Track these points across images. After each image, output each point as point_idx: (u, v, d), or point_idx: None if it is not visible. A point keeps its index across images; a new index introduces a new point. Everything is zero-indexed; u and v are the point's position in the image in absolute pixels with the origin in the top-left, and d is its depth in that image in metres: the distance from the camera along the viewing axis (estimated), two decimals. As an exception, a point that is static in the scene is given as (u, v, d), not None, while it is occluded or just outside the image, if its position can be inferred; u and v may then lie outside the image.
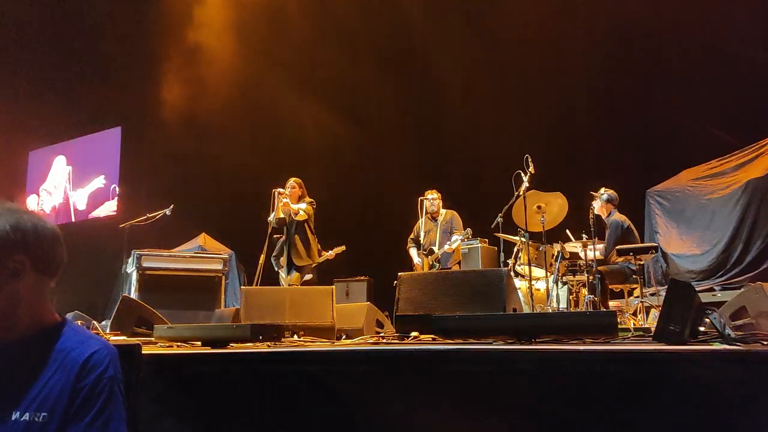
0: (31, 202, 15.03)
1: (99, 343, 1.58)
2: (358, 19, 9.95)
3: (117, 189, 13.33)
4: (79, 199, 14.21)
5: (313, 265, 6.65)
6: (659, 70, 8.18)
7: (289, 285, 6.47)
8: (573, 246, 6.12)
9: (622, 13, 8.21)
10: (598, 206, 6.17)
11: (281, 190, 6.53)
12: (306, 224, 6.50)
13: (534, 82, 8.59)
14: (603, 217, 6.22)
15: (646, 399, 2.28)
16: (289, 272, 6.55)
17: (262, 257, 6.45)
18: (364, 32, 9.88)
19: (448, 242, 6.72)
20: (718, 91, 7.57)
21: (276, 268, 6.83)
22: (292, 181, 6.62)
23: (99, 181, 13.76)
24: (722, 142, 7.60)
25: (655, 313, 5.35)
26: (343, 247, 7.43)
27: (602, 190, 6.25)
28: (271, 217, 6.50)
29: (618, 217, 6.16)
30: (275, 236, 6.78)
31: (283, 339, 3.97)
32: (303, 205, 6.46)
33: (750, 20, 7.43)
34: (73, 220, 14.20)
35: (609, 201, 6.20)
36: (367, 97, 10.17)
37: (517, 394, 2.48)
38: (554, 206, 6.08)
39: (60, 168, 14.76)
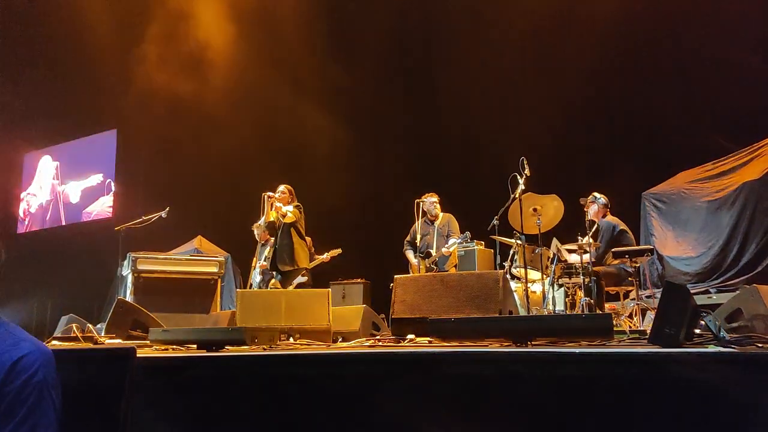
0: (25, 201, 15.04)
1: (32, 345, 1.53)
2: (357, 21, 9.96)
3: (113, 185, 13.30)
4: (72, 192, 14.17)
5: (302, 270, 6.59)
6: (655, 72, 8.20)
7: (270, 288, 6.50)
8: (568, 247, 6.12)
9: (618, 16, 8.23)
10: (593, 211, 6.17)
11: (271, 194, 6.53)
12: (293, 229, 6.47)
13: (531, 84, 8.60)
14: (597, 222, 6.22)
15: (641, 401, 2.28)
16: (275, 276, 6.56)
17: (255, 261, 6.45)
18: (363, 35, 9.88)
19: (445, 245, 6.72)
20: (714, 94, 7.59)
21: (252, 272, 6.83)
22: (282, 187, 6.63)
23: (95, 179, 13.72)
24: (718, 145, 7.62)
25: (650, 316, 5.36)
26: (339, 250, 7.42)
27: (595, 195, 6.24)
28: (261, 221, 6.51)
29: (611, 219, 6.17)
30: (270, 238, 6.79)
31: (278, 342, 3.97)
32: (290, 208, 6.45)
33: (745, 23, 7.46)
34: (63, 222, 14.18)
35: (606, 205, 6.21)
36: (364, 99, 10.17)
37: (513, 397, 2.47)
38: (550, 209, 6.09)
39: (46, 167, 14.75)
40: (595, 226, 6.14)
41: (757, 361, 2.23)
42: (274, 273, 6.59)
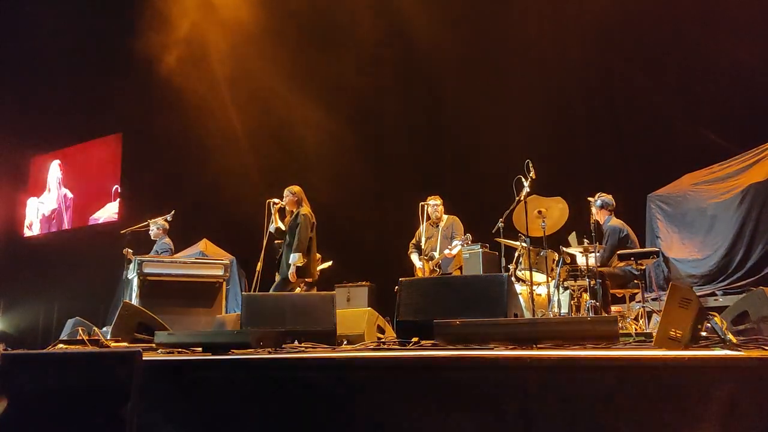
0: (31, 205, 15.13)
1: None
2: (359, 23, 9.98)
3: (119, 189, 13.35)
4: (75, 208, 14.25)
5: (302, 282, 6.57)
6: (660, 74, 8.18)
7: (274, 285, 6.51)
8: (573, 250, 6.10)
9: (621, 18, 8.22)
10: (595, 212, 6.16)
11: (276, 200, 6.53)
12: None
13: (535, 86, 8.60)
14: (601, 223, 6.20)
15: (647, 404, 2.27)
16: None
17: (260, 265, 6.44)
18: (366, 38, 9.90)
19: (448, 248, 6.71)
20: (719, 96, 7.57)
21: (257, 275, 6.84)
22: (286, 191, 6.60)
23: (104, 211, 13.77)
24: (720, 147, 7.59)
25: (656, 318, 5.34)
26: (330, 263, 7.38)
27: (597, 195, 6.23)
28: (272, 228, 6.52)
29: (615, 222, 6.14)
30: (276, 241, 6.78)
31: (283, 345, 3.97)
32: (295, 257, 6.26)
33: (750, 25, 7.44)
34: (70, 226, 14.24)
35: (603, 207, 6.16)
36: (368, 102, 10.19)
37: (518, 400, 2.47)
38: (555, 211, 6.08)
39: (54, 171, 14.84)
40: (601, 227, 6.13)
41: (763, 364, 2.22)
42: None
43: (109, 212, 13.51)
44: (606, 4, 8.27)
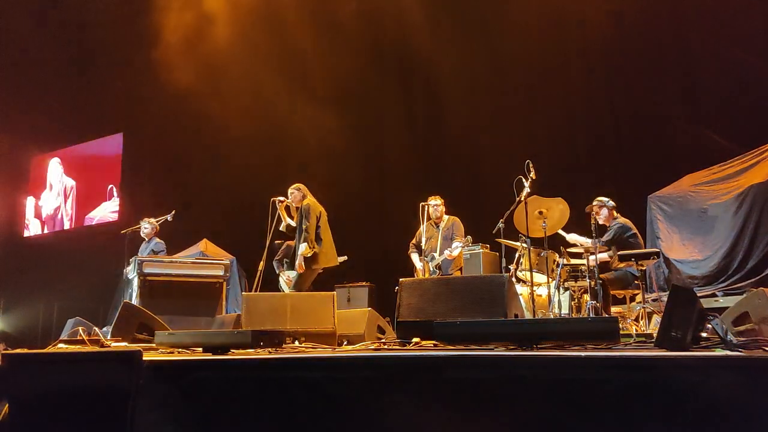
0: (31, 205, 15.14)
1: None
2: (360, 25, 9.98)
3: (115, 190, 13.34)
4: (77, 209, 14.27)
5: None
6: (660, 74, 8.18)
7: (286, 282, 6.50)
8: (574, 247, 6.10)
9: (622, 19, 8.22)
10: (605, 216, 6.16)
11: (282, 198, 6.53)
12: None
13: (535, 86, 8.59)
14: (608, 225, 6.21)
15: (647, 405, 2.27)
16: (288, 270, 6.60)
17: (262, 264, 6.44)
18: (366, 38, 9.90)
19: (449, 249, 6.71)
20: (720, 96, 7.57)
21: (276, 271, 6.83)
22: (291, 189, 6.62)
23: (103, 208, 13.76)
24: (722, 147, 7.58)
25: (657, 319, 5.34)
26: (345, 257, 7.39)
27: (602, 199, 6.21)
28: (282, 227, 6.53)
29: (623, 220, 6.16)
30: (276, 242, 6.78)
31: (284, 345, 3.97)
32: (302, 248, 6.28)
33: (751, 25, 7.44)
34: (70, 226, 14.24)
35: (606, 208, 6.19)
36: (369, 103, 10.18)
37: (518, 401, 2.47)
38: (555, 212, 6.07)
39: (54, 171, 14.84)
40: (605, 228, 6.14)
41: (763, 365, 2.22)
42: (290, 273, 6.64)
43: (104, 211, 13.49)
44: (606, 5, 8.27)
